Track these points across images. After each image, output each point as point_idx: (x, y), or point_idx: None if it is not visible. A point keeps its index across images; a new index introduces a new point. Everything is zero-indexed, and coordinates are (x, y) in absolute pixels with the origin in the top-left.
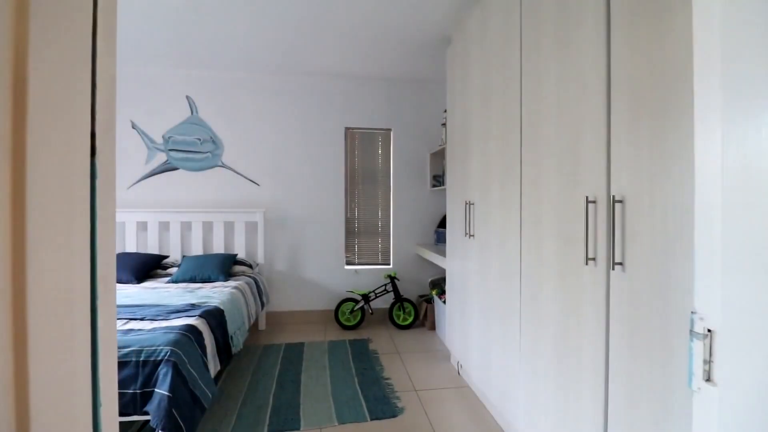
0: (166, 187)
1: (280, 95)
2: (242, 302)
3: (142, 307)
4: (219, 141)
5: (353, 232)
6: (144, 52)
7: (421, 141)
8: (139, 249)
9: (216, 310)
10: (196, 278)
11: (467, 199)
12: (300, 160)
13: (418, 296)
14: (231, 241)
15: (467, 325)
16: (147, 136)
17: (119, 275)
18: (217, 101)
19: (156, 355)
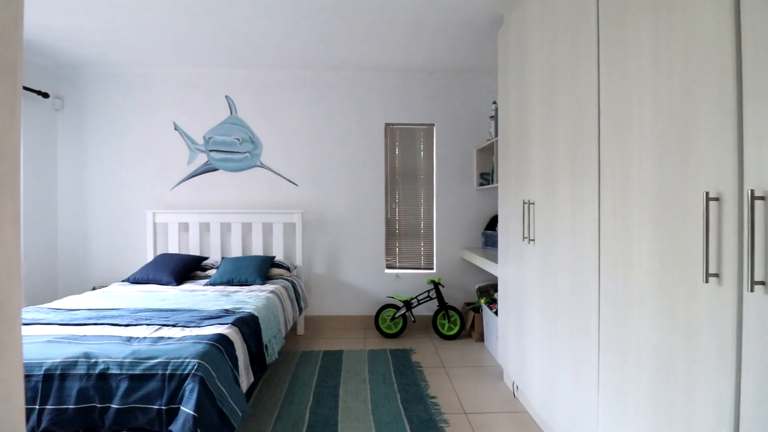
0: (206, 188)
1: (318, 92)
2: (278, 308)
3: (177, 312)
4: (258, 141)
5: (394, 234)
6: (184, 53)
7: (466, 136)
8: (182, 250)
9: (250, 317)
10: (233, 281)
11: (526, 198)
12: (338, 159)
13: (464, 304)
14: (269, 243)
15: (525, 341)
16: (188, 137)
17: (159, 277)
18: (256, 100)
19: (183, 368)
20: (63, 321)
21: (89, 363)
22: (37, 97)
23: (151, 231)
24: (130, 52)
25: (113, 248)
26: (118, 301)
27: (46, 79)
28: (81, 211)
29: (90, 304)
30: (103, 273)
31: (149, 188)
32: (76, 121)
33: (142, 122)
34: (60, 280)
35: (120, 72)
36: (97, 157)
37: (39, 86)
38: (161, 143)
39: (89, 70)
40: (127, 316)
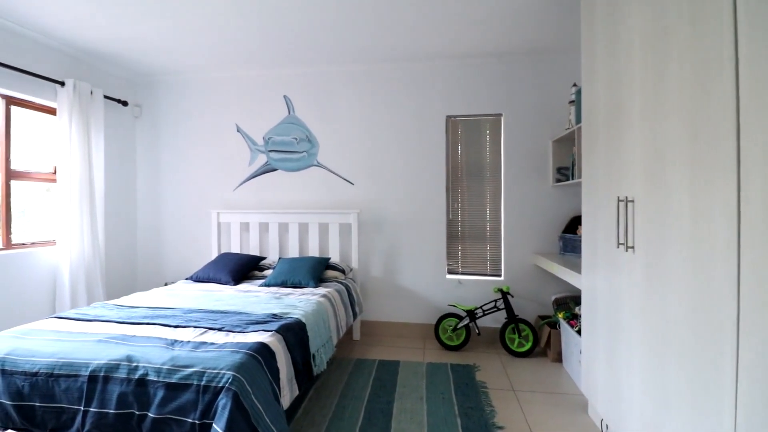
0: (266, 188)
1: (374, 87)
2: (330, 313)
3: (226, 315)
4: (314, 139)
5: (456, 236)
6: (242, 55)
7: (539, 126)
8: (243, 249)
9: (297, 324)
10: (287, 283)
11: (621, 195)
12: (396, 156)
13: (537, 317)
14: (325, 244)
15: (619, 372)
16: (249, 138)
17: (218, 276)
18: (312, 99)
19: (217, 380)
20: (121, 319)
21: (130, 367)
22: (119, 106)
23: (216, 230)
24: (196, 59)
25: (184, 246)
26: (177, 299)
27: (125, 88)
28: (156, 211)
29: (151, 301)
30: (175, 269)
31: (215, 189)
32: (152, 126)
33: (208, 125)
34: (139, 275)
35: (187, 78)
36: (169, 160)
37: (119, 95)
38: (225, 145)
39: (162, 78)
40: (178, 317)
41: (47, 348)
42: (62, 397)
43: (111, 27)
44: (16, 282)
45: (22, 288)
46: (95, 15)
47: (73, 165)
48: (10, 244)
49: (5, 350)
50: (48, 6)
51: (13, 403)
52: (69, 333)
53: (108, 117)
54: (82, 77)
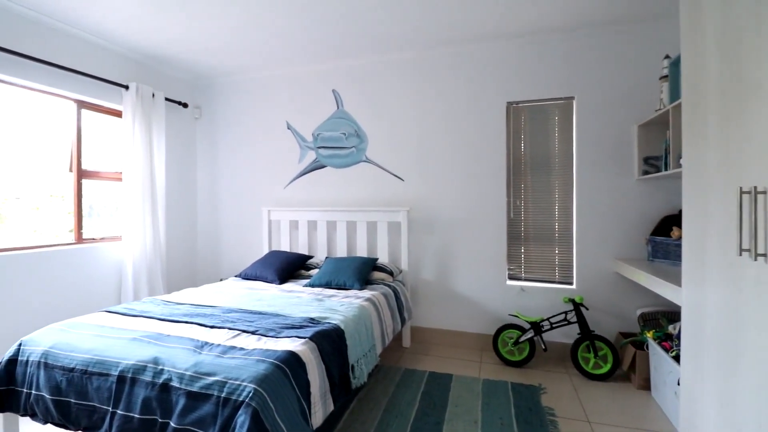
0: (314, 186)
1: (424, 75)
2: (374, 319)
3: (263, 317)
4: (363, 134)
5: (518, 237)
6: (291, 51)
7: (621, 109)
8: (292, 247)
9: (334, 331)
10: (331, 284)
11: (746, 186)
12: (450, 149)
13: (618, 334)
14: (374, 244)
15: (739, 411)
16: (299, 135)
17: (265, 274)
18: (361, 91)
19: (238, 393)
20: (163, 316)
21: (156, 370)
22: (179, 107)
23: (266, 228)
24: (249, 58)
25: (239, 243)
26: (221, 297)
27: (186, 91)
28: (214, 208)
29: (197, 298)
30: (231, 266)
31: (267, 187)
32: (210, 127)
33: (260, 124)
34: (198, 270)
35: (241, 79)
36: (226, 159)
37: (180, 98)
38: (276, 143)
39: (219, 79)
40: (217, 316)
41: (85, 344)
42: (94, 395)
43: (171, 31)
44: (86, 274)
45: (91, 280)
46: (157, 20)
47: (137, 165)
48: (81, 239)
49: (49, 344)
50: (114, 14)
51: (52, 398)
52: (110, 329)
53: (169, 118)
54: (145, 81)
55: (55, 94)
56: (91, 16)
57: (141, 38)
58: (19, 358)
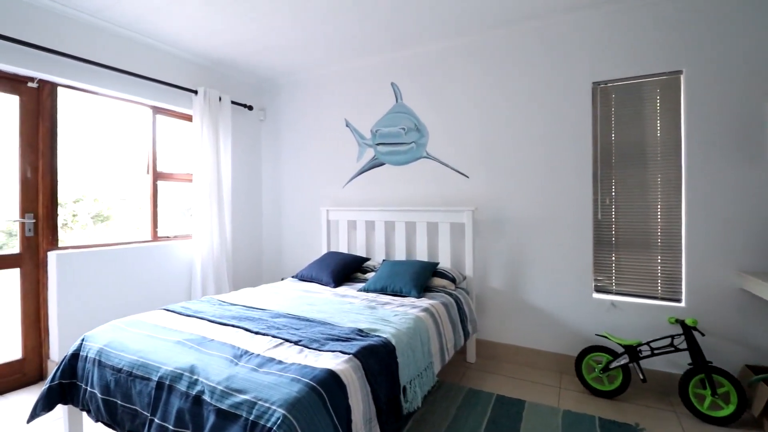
0: (373, 184)
1: (489, 59)
2: (432, 333)
3: (310, 324)
4: (423, 128)
5: (608, 242)
6: (350, 43)
7: (747, 81)
8: (350, 248)
9: (383, 346)
10: (386, 289)
11: None
12: (521, 141)
13: (744, 367)
14: (435, 247)
15: None
16: (357, 132)
17: (320, 276)
18: (420, 82)
19: (266, 418)
20: (214, 317)
21: (191, 380)
22: (245, 110)
23: (325, 228)
24: (309, 56)
25: (301, 243)
26: (274, 298)
27: (251, 94)
28: (278, 208)
29: (250, 299)
30: (293, 265)
31: (326, 186)
32: (274, 128)
33: (320, 123)
34: (264, 269)
35: (302, 78)
36: (288, 160)
37: (246, 101)
38: (335, 142)
39: (280, 80)
40: (264, 321)
41: (135, 344)
42: (137, 399)
43: (235, 36)
44: (161, 270)
45: (165, 275)
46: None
47: (205, 166)
48: (156, 237)
49: (104, 341)
50: (183, 23)
51: (102, 397)
52: (162, 329)
53: (235, 121)
54: (212, 85)
55: (133, 101)
56: (163, 26)
57: (208, 44)
58: (81, 353)
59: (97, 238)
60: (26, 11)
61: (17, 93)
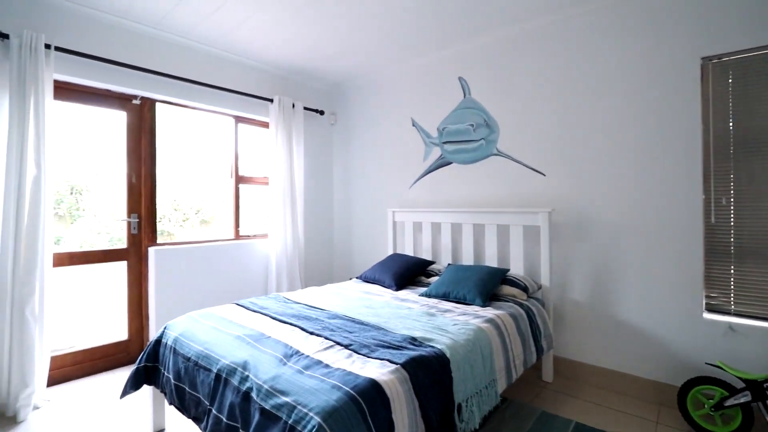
0: (439, 185)
1: (566, 41)
2: (496, 347)
3: (364, 328)
4: (494, 123)
5: (724, 251)
6: (416, 39)
7: None
8: (416, 251)
9: (436, 358)
10: (449, 295)
11: None
12: (610, 132)
13: None
14: (506, 252)
15: None
16: (424, 131)
17: (383, 278)
18: (490, 74)
19: (303, 423)
20: (276, 314)
21: (242, 376)
22: (316, 115)
23: (391, 230)
24: (377, 56)
25: (369, 244)
26: (335, 299)
27: (322, 99)
28: (348, 209)
29: (313, 298)
30: (361, 265)
31: (392, 187)
32: (344, 131)
33: (387, 123)
34: (335, 268)
35: (369, 80)
36: (357, 161)
37: (317, 106)
38: (402, 141)
39: (349, 84)
40: (320, 321)
41: (203, 336)
42: (200, 388)
43: (306, 43)
44: (242, 266)
45: (245, 270)
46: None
47: (279, 170)
48: (238, 236)
49: (179, 331)
50: (261, 37)
51: (174, 382)
52: (228, 323)
53: (308, 126)
54: (287, 93)
55: (218, 112)
56: (243, 41)
57: (282, 55)
58: (162, 340)
59: (192, 236)
60: (130, 37)
61: (124, 109)
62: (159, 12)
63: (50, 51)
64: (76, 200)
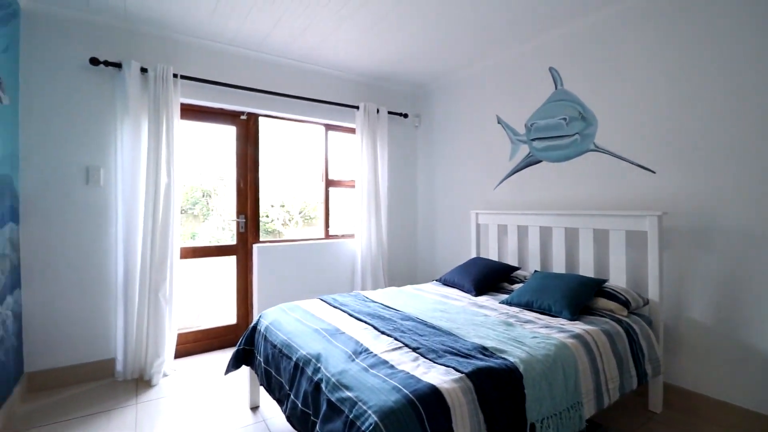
0: (527, 185)
1: (684, 12)
2: (583, 366)
3: (435, 332)
4: (590, 116)
5: None
6: (502, 31)
7: None
8: (500, 256)
9: (507, 372)
10: (532, 305)
11: None
12: (739, 120)
13: None
14: (604, 260)
15: None
16: (510, 129)
17: (462, 282)
18: (584, 61)
19: (362, 420)
20: (353, 311)
21: (315, 367)
22: (400, 118)
23: (474, 232)
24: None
25: (452, 246)
26: (410, 301)
27: (406, 102)
28: (432, 211)
29: (388, 299)
30: (444, 267)
31: (476, 188)
32: (428, 132)
33: (471, 122)
34: (418, 269)
35: (451, 79)
36: (441, 162)
37: (401, 109)
38: (486, 140)
39: (432, 85)
40: (393, 322)
41: (288, 326)
42: (283, 373)
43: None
44: (331, 263)
45: (334, 268)
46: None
47: (364, 173)
48: (328, 235)
49: (270, 320)
50: (346, 48)
51: (264, 366)
52: (310, 316)
53: (391, 130)
54: (371, 99)
55: (311, 121)
56: (330, 54)
57: (367, 62)
58: (257, 327)
59: (295, 234)
60: (236, 61)
61: (234, 124)
62: (259, 36)
63: (177, 80)
64: (206, 202)
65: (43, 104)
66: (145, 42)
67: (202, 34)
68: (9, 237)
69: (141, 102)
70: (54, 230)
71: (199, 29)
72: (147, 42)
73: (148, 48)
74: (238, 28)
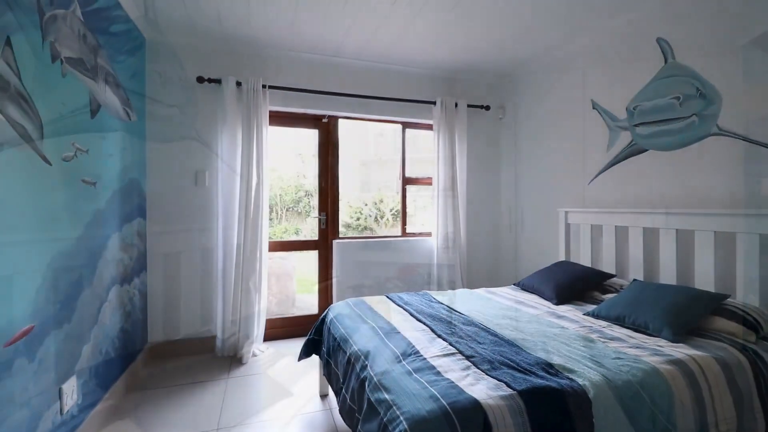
0: (628, 178)
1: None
2: (681, 399)
3: (497, 341)
4: (712, 92)
5: None
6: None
7: None
8: (593, 260)
9: (572, 394)
10: (623, 320)
11: None
12: None
13: None
14: (726, 270)
15: None
16: (607, 114)
17: (542, 288)
18: (703, 27)
19: (394, 425)
20: (415, 311)
21: (363, 364)
22: (482, 111)
23: (563, 232)
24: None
25: (537, 246)
26: (479, 305)
27: (489, 94)
28: (514, 208)
29: (456, 301)
30: (527, 270)
31: (567, 183)
32: (513, 124)
33: (561, 109)
34: (501, 270)
35: (539, 65)
36: (527, 156)
37: (483, 102)
38: (579, 129)
39: (518, 72)
40: (453, 326)
41: (348, 321)
42: (340, 366)
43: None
44: (407, 261)
45: (410, 266)
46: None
47: (442, 170)
48: (405, 233)
49: (335, 313)
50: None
51: (326, 357)
52: (372, 313)
53: (472, 123)
54: (449, 93)
55: (388, 120)
56: (404, 50)
57: (444, 55)
58: (326, 319)
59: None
60: (316, 68)
61: (316, 128)
62: (335, 42)
63: (266, 90)
64: (308, 201)
65: (163, 119)
66: (238, 59)
67: (285, 45)
68: (137, 230)
69: (236, 112)
70: (171, 224)
71: (281, 41)
72: (240, 59)
73: (242, 64)
74: (316, 36)
